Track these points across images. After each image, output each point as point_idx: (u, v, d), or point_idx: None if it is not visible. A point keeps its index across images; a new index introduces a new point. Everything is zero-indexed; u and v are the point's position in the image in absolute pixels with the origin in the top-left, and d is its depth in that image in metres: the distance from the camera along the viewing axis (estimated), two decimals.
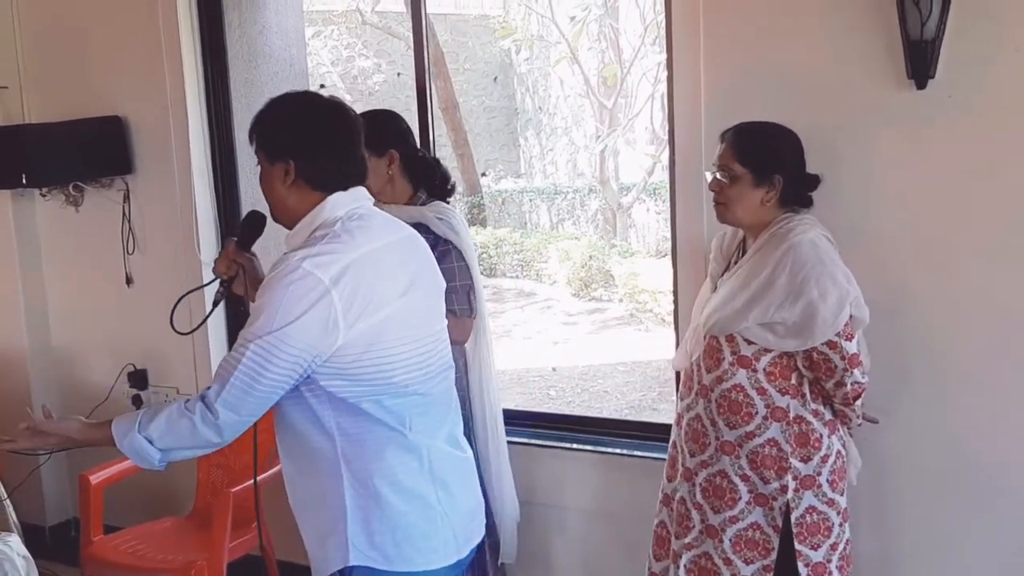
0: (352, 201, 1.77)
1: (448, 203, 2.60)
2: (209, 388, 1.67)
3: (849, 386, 2.13)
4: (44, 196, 3.66)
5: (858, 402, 2.18)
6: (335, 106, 1.80)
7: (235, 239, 1.97)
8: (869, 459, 2.38)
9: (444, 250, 2.46)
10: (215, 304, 1.97)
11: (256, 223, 2.00)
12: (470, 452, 1.91)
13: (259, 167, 1.81)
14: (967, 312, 2.35)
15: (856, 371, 2.12)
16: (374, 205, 2.54)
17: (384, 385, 1.69)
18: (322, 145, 1.76)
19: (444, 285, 1.91)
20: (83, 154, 3.43)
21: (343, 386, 1.68)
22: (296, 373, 1.65)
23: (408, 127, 2.64)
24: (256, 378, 1.63)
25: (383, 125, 2.56)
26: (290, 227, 1.79)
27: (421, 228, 2.46)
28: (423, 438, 1.76)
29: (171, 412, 1.68)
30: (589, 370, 7.58)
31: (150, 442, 1.68)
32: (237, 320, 3.50)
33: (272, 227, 1.96)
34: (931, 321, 2.39)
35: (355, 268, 1.65)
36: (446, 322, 1.89)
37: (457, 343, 2.52)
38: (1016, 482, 2.36)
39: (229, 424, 1.66)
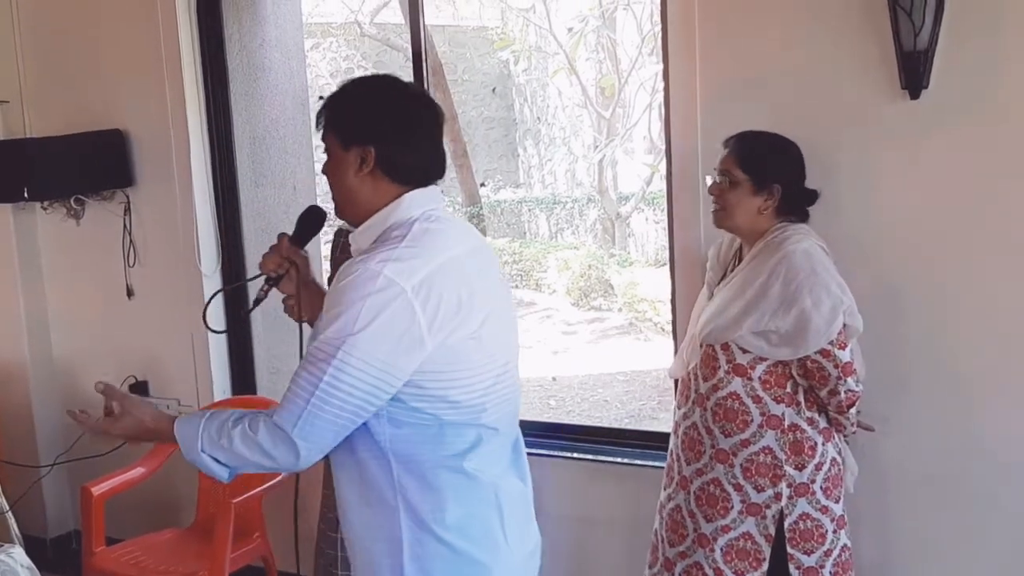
0: (428, 201, 1.58)
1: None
2: (281, 413, 1.47)
3: (843, 394, 2.14)
4: (45, 209, 3.68)
5: (852, 410, 2.19)
6: (421, 92, 1.64)
7: (288, 234, 1.77)
8: (869, 466, 2.39)
9: None
10: (256, 303, 1.77)
11: (315, 219, 1.80)
12: (531, 485, 1.71)
13: (326, 153, 1.61)
14: (963, 320, 2.36)
15: (850, 379, 2.13)
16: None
17: (450, 409, 1.51)
18: (408, 133, 1.57)
19: (515, 312, 1.71)
20: (84, 167, 3.45)
21: (406, 409, 1.50)
22: (380, 395, 1.46)
23: None
24: (334, 403, 1.44)
25: None
26: (356, 223, 1.60)
27: None
28: (489, 468, 1.57)
29: (238, 437, 1.49)
30: (589, 379, 7.58)
31: (216, 460, 1.53)
32: (243, 326, 3.51)
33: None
34: (927, 329, 2.40)
35: (438, 277, 1.47)
36: (518, 351, 1.67)
37: None
38: (1016, 488, 2.37)
39: (307, 452, 1.48)
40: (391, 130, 1.56)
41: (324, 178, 1.67)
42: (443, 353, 1.47)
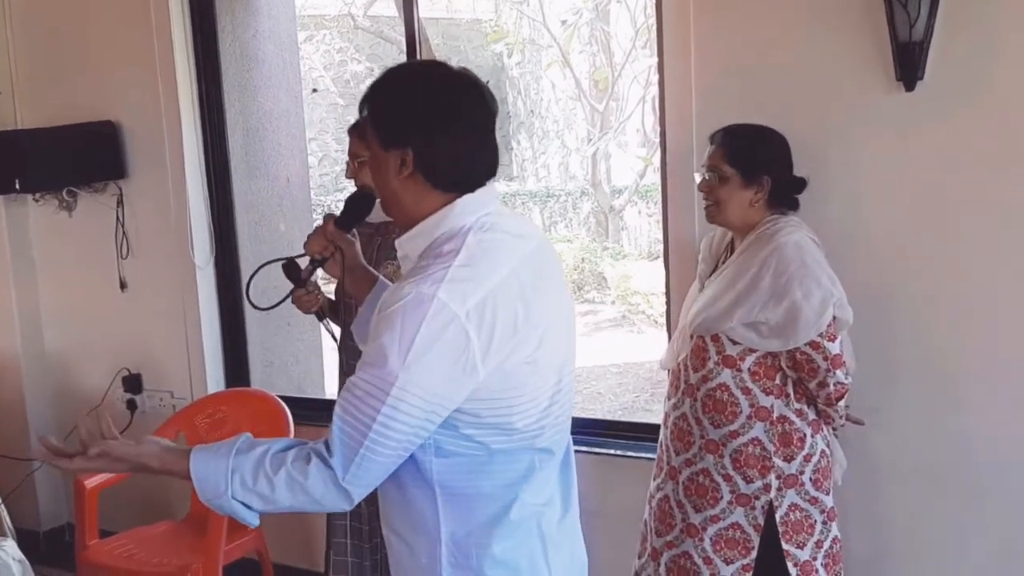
0: (481, 206, 1.42)
1: None
2: (332, 456, 1.33)
3: (832, 386, 2.15)
4: (37, 201, 3.67)
5: (841, 402, 2.20)
6: (470, 81, 1.43)
7: (335, 216, 1.68)
8: (859, 459, 2.40)
9: None
10: (303, 283, 1.71)
11: (363, 204, 1.69)
12: (577, 510, 1.60)
13: (368, 150, 1.48)
14: (956, 312, 2.37)
15: (839, 372, 2.14)
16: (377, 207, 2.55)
17: (504, 436, 1.40)
18: (451, 134, 1.40)
19: (574, 311, 1.58)
20: (76, 159, 3.44)
21: (457, 436, 1.39)
22: (431, 427, 1.35)
23: None
24: (386, 444, 1.32)
25: None
26: (402, 226, 1.47)
27: None
28: (536, 497, 1.46)
29: (282, 483, 1.34)
30: (582, 372, 7.59)
31: (247, 507, 1.37)
32: (238, 317, 3.50)
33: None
34: (920, 321, 2.40)
35: (493, 299, 1.34)
36: (574, 357, 1.56)
37: None
38: (1005, 481, 2.37)
39: (359, 495, 1.36)
40: (430, 131, 1.39)
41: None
42: (498, 379, 1.35)
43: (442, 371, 1.31)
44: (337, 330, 2.62)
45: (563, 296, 1.52)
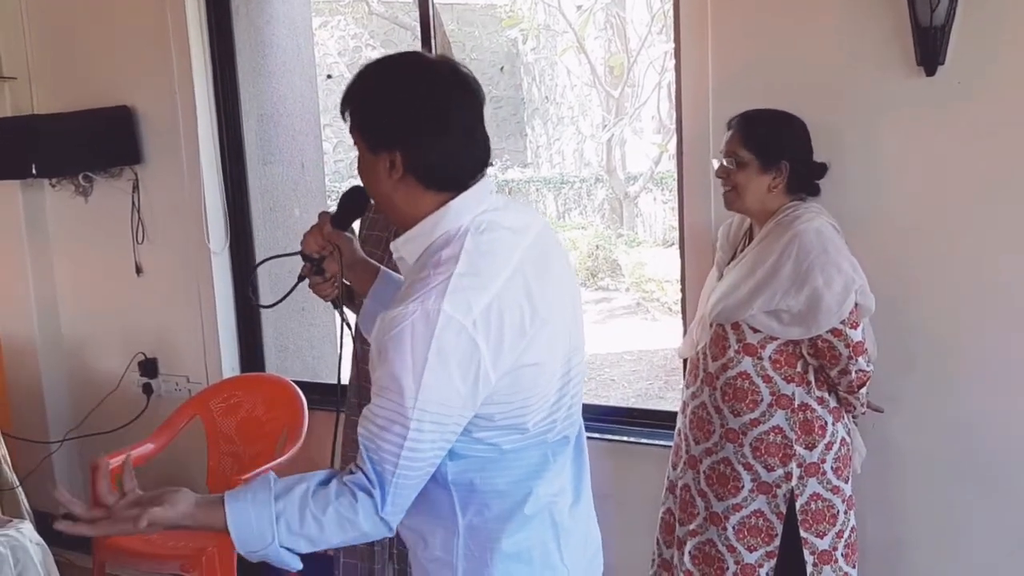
0: (477, 204, 1.39)
1: None
2: (371, 494, 1.31)
3: (854, 374, 2.13)
4: (54, 186, 3.68)
5: (863, 390, 2.18)
6: (452, 73, 1.39)
7: (330, 214, 1.65)
8: (876, 447, 2.39)
9: None
10: (300, 279, 1.69)
11: (357, 202, 1.64)
12: (590, 494, 1.60)
13: (357, 149, 1.42)
14: (975, 300, 2.35)
15: (861, 359, 2.12)
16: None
17: (518, 435, 1.40)
18: (439, 132, 1.36)
19: (579, 293, 1.56)
20: (92, 144, 3.44)
21: (470, 440, 1.38)
22: (452, 439, 1.34)
23: None
24: (416, 466, 1.31)
25: None
26: (402, 226, 1.43)
27: None
28: (548, 487, 1.45)
29: (332, 521, 1.31)
30: (596, 359, 7.59)
31: (293, 551, 1.33)
32: (252, 303, 3.51)
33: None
34: (939, 309, 2.38)
35: (499, 303, 1.32)
36: (582, 342, 1.54)
37: None
38: (1022, 469, 2.36)
39: (397, 520, 1.36)
40: (417, 131, 1.35)
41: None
42: (509, 382, 1.34)
43: (456, 384, 1.29)
44: (352, 318, 2.62)
45: (567, 281, 1.50)
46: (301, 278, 1.65)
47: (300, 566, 1.36)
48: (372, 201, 1.53)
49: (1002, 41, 2.23)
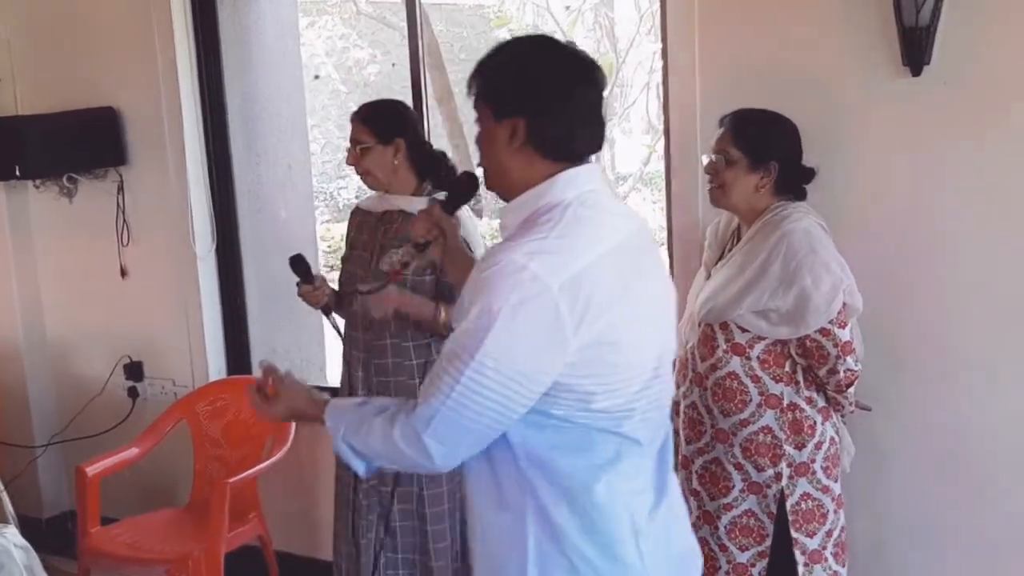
0: (586, 181, 1.43)
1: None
2: (416, 410, 1.37)
3: (842, 373, 2.13)
4: (38, 188, 3.65)
5: (851, 389, 2.18)
6: (580, 55, 1.46)
7: (441, 201, 1.70)
8: (864, 446, 2.39)
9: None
10: (405, 265, 1.73)
11: (469, 186, 1.71)
12: (677, 500, 1.57)
13: (477, 123, 1.48)
14: (963, 300, 2.35)
15: (849, 358, 2.12)
16: (382, 196, 2.54)
17: (591, 415, 1.38)
18: (564, 102, 1.41)
19: (675, 297, 1.55)
20: (77, 145, 3.42)
21: (542, 412, 1.37)
22: (520, 401, 1.33)
23: (416, 117, 2.64)
24: (471, 407, 1.33)
25: (392, 113, 2.55)
26: (506, 198, 1.47)
27: None
28: (625, 485, 1.43)
29: (377, 429, 1.41)
30: None
31: (353, 450, 1.45)
32: (239, 305, 3.49)
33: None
34: (927, 309, 2.39)
35: (588, 275, 1.33)
36: (674, 346, 1.54)
37: None
38: (1008, 469, 2.37)
39: (443, 456, 1.38)
40: (543, 100, 1.41)
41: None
42: (588, 355, 1.33)
43: (529, 343, 1.31)
44: (341, 323, 2.61)
45: (664, 283, 1.52)
46: (405, 264, 1.71)
47: (361, 471, 1.48)
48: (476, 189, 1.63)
49: (987, 41, 2.23)
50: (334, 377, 2.91)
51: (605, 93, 1.48)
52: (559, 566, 1.41)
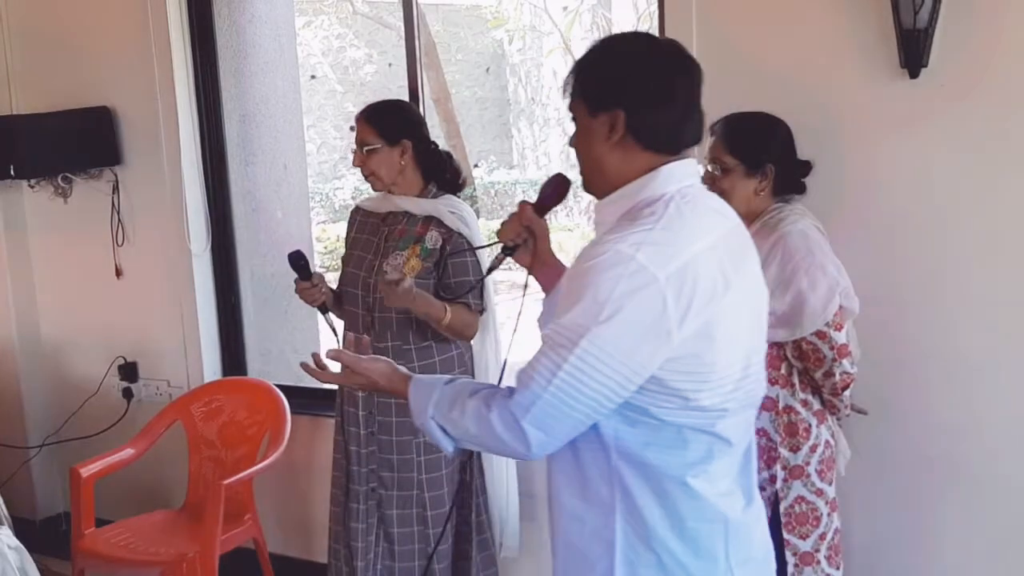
0: (685, 176, 1.42)
1: (459, 197, 2.57)
2: (514, 395, 1.36)
3: (838, 376, 2.13)
4: (32, 187, 3.64)
5: (847, 392, 2.18)
6: (676, 48, 1.46)
7: (530, 203, 1.66)
8: (861, 449, 2.38)
9: (458, 243, 2.45)
10: (490, 271, 1.70)
11: (560, 188, 1.66)
12: (760, 502, 1.56)
13: (573, 122, 1.47)
14: (961, 301, 2.35)
15: (845, 361, 2.12)
16: (385, 196, 2.53)
17: (686, 411, 1.37)
18: (662, 93, 1.40)
19: (766, 296, 1.54)
20: (71, 145, 3.41)
21: (637, 407, 1.36)
22: (620, 392, 1.33)
23: (422, 118, 2.62)
24: (573, 395, 1.32)
25: (398, 114, 2.54)
26: (603, 195, 1.46)
27: (433, 221, 2.45)
28: (715, 484, 1.42)
29: (471, 411, 1.39)
30: None
31: (443, 430, 1.43)
32: (234, 306, 3.48)
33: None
34: (924, 310, 2.38)
35: (694, 267, 1.32)
36: (764, 345, 1.52)
37: (464, 339, 2.51)
38: (1006, 472, 2.36)
39: (539, 443, 1.36)
40: (641, 91, 1.40)
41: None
42: (688, 350, 1.32)
43: (635, 334, 1.30)
44: (339, 324, 2.60)
45: (758, 281, 1.49)
46: (491, 269, 1.69)
47: (450, 450, 1.46)
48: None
49: (984, 43, 2.23)
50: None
51: (701, 87, 1.46)
52: (647, 562, 1.41)
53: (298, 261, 2.47)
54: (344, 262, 2.62)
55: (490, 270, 1.69)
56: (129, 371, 3.58)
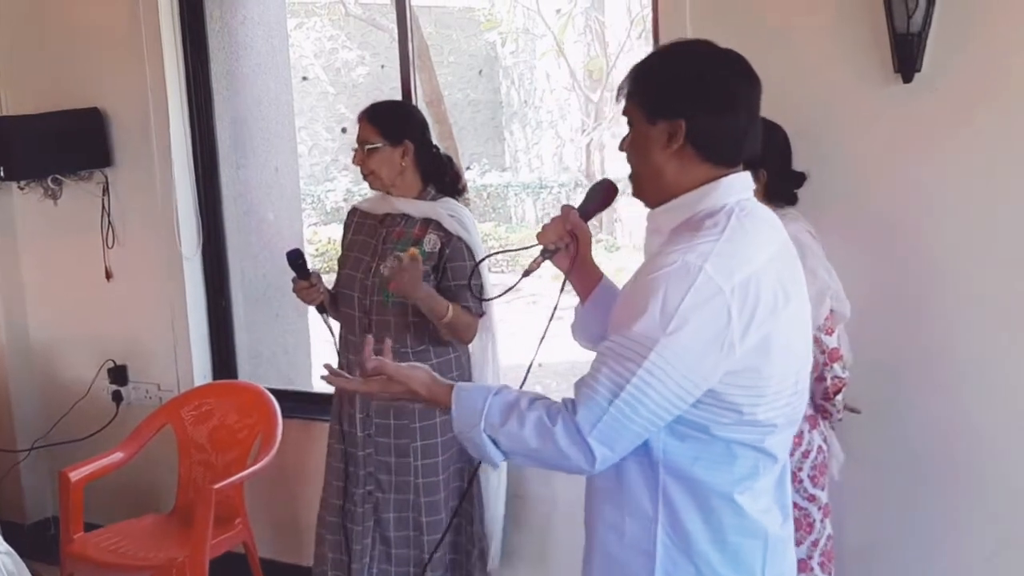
0: (744, 188, 1.41)
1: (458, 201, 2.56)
2: (579, 409, 1.32)
3: (829, 380, 2.12)
4: (22, 189, 3.61)
5: (839, 397, 2.18)
6: (738, 59, 1.43)
7: (574, 207, 1.62)
8: (856, 452, 2.38)
9: (456, 247, 2.44)
10: (527, 273, 1.67)
11: (608, 194, 1.63)
12: (791, 516, 1.55)
13: (629, 126, 1.45)
14: (955, 303, 2.35)
15: (836, 365, 2.11)
16: (384, 196, 2.51)
17: (739, 427, 1.37)
18: (725, 104, 1.38)
19: (811, 311, 1.52)
20: (62, 147, 3.39)
21: (692, 420, 1.35)
22: (682, 404, 1.32)
23: (425, 121, 2.60)
24: (637, 408, 1.30)
25: (401, 114, 2.53)
26: (655, 204, 1.45)
27: (432, 224, 2.44)
28: (757, 501, 1.43)
29: (532, 424, 1.34)
30: (575, 365, 7.56)
31: (495, 443, 1.38)
32: (225, 308, 3.47)
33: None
34: (919, 313, 2.38)
35: (757, 279, 1.32)
36: (811, 361, 1.52)
37: (463, 342, 2.50)
38: (1000, 476, 2.36)
39: (603, 459, 1.33)
40: (704, 101, 1.38)
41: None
42: (748, 362, 1.32)
43: (701, 345, 1.29)
44: (336, 325, 2.58)
45: (805, 296, 1.47)
46: (529, 271, 1.65)
47: (499, 462, 1.40)
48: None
49: (978, 47, 2.23)
50: (320, 382, 2.87)
51: (760, 98, 1.43)
52: (686, 573, 1.41)
53: (296, 260, 2.45)
54: (340, 264, 2.60)
55: (527, 272, 1.65)
56: (119, 374, 3.56)
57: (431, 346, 2.46)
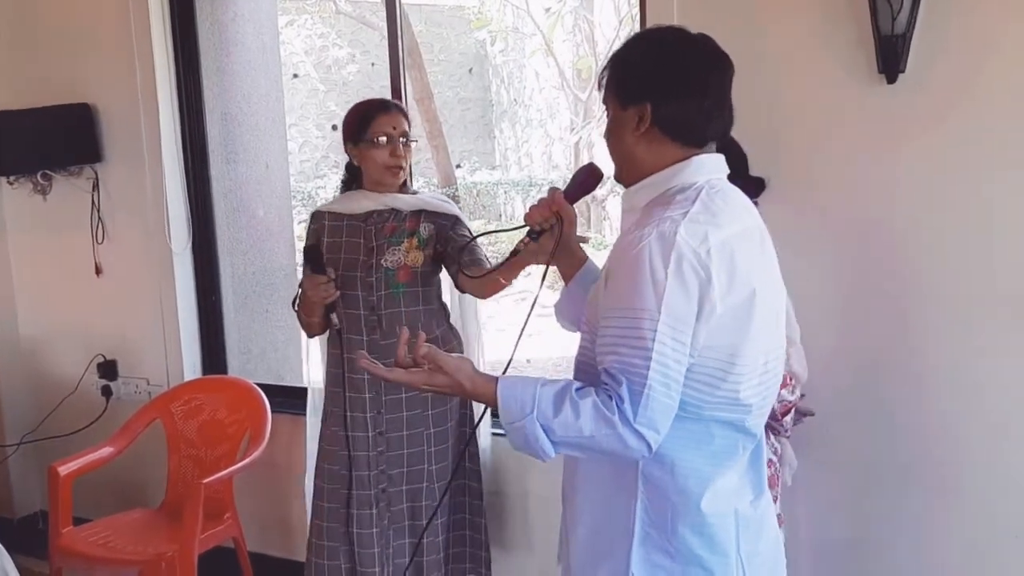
0: (715, 169, 1.47)
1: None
2: (624, 397, 1.33)
3: (777, 404, 2.08)
4: (11, 184, 3.61)
5: (787, 418, 2.17)
6: (706, 43, 1.49)
7: (560, 189, 1.65)
8: (839, 452, 2.41)
9: (453, 219, 2.51)
10: (514, 252, 1.69)
11: (592, 177, 1.66)
12: (768, 494, 1.58)
13: (607, 115, 1.51)
14: (931, 304, 2.37)
15: (783, 391, 2.09)
16: (365, 194, 2.53)
17: (716, 403, 1.41)
18: (687, 84, 1.44)
19: (784, 295, 1.56)
20: (51, 142, 3.39)
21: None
22: (683, 368, 1.36)
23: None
24: (664, 380, 1.33)
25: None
26: (633, 181, 1.50)
27: (422, 214, 2.48)
28: (731, 480, 1.47)
29: (588, 412, 1.34)
30: (563, 361, 7.59)
31: (547, 432, 1.36)
32: (215, 304, 3.47)
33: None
34: (895, 313, 2.40)
35: (732, 243, 1.37)
36: (783, 343, 1.55)
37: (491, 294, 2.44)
38: (980, 474, 2.38)
39: (654, 442, 1.35)
40: (668, 84, 1.44)
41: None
42: (723, 326, 1.36)
43: (691, 303, 1.34)
44: (338, 324, 2.58)
45: (778, 277, 1.52)
46: (516, 251, 1.68)
47: (552, 455, 1.39)
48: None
49: (962, 49, 2.25)
50: (314, 378, 2.89)
51: (731, 78, 1.49)
52: (661, 548, 1.45)
53: (314, 254, 2.44)
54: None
55: (514, 252, 1.68)
56: (108, 369, 3.56)
57: (439, 335, 2.50)
